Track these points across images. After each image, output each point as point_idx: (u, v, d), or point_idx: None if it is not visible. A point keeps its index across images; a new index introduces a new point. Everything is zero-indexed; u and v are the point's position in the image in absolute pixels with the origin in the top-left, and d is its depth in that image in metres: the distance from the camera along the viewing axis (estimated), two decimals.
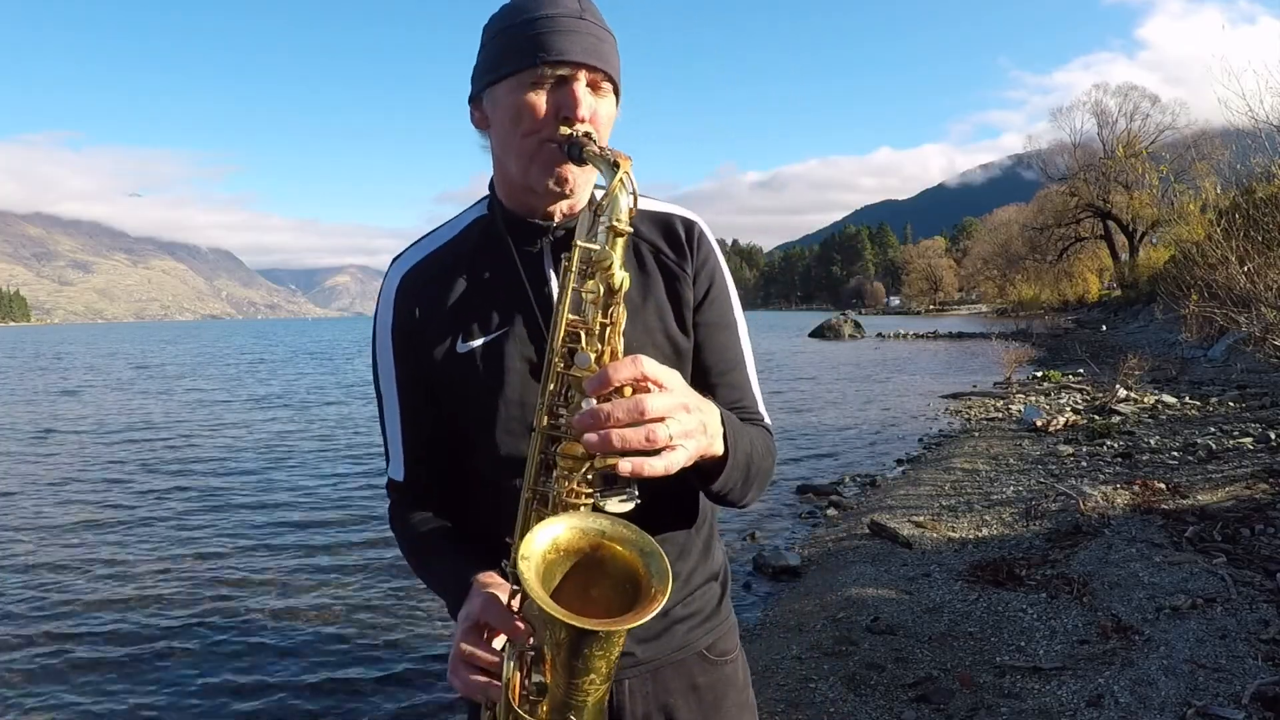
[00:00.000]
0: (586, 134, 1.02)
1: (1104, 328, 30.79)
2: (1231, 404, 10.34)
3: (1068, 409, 11.18)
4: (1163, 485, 6.42)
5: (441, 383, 1.16)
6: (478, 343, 1.14)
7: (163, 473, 10.29)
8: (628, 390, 0.89)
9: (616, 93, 1.12)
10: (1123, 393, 11.47)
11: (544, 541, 0.88)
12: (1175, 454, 7.67)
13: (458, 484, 1.22)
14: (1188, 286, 12.14)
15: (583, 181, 1.11)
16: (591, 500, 0.92)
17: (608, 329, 0.95)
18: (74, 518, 7.97)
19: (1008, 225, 58.74)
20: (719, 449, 0.99)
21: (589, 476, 0.92)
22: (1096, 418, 10.19)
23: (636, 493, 0.93)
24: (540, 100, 1.05)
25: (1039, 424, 9.96)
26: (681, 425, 0.89)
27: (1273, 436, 7.75)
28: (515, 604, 0.95)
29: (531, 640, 0.90)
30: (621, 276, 0.94)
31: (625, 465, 0.86)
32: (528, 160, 1.08)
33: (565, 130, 1.03)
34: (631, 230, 0.96)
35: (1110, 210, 42.60)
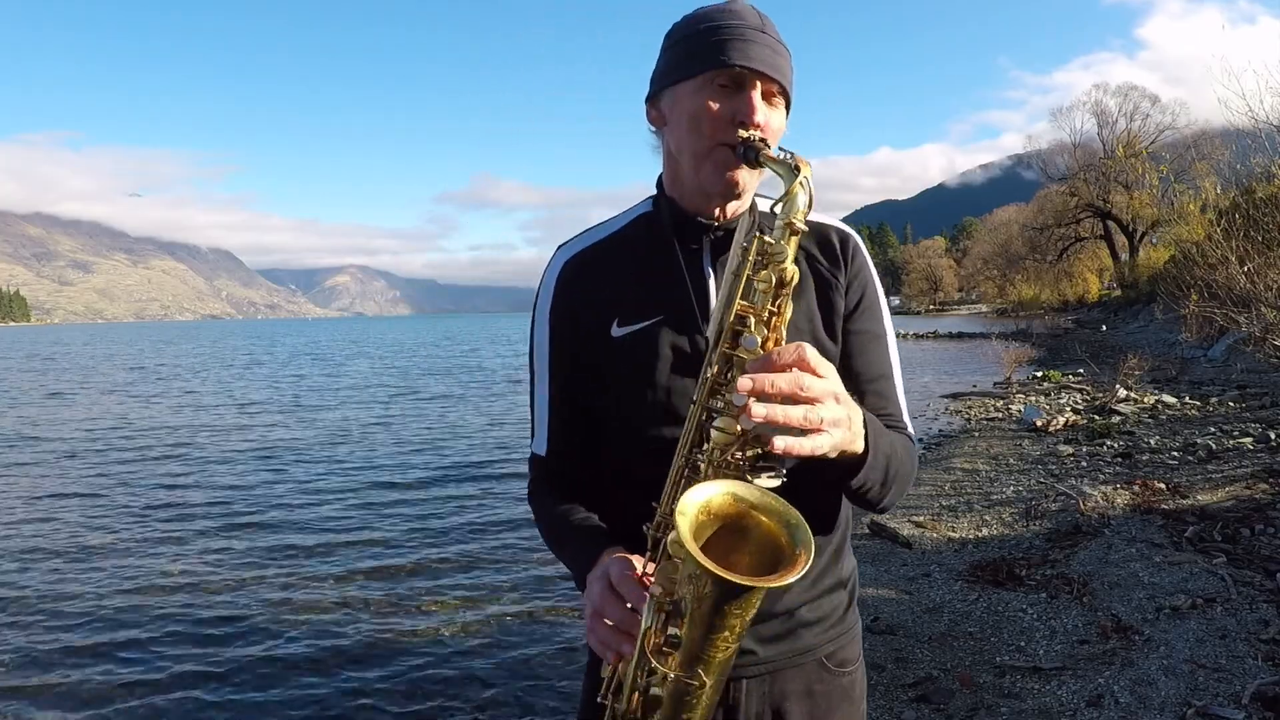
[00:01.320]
0: (762, 139, 1.07)
1: (1104, 328, 30.78)
2: (1231, 404, 10.34)
3: (1068, 409, 11.18)
4: (1163, 485, 6.42)
5: (593, 365, 1.22)
6: (632, 329, 1.19)
7: (147, 478, 10.29)
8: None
9: (788, 106, 1.16)
10: (1123, 393, 11.47)
11: (698, 500, 0.93)
12: (1175, 454, 7.67)
13: (595, 467, 1.27)
14: (1188, 286, 12.14)
15: (751, 185, 1.16)
16: (739, 474, 0.96)
17: (774, 318, 1.00)
18: (64, 520, 7.98)
19: (1008, 225, 58.73)
20: (859, 447, 1.03)
21: (743, 452, 0.96)
22: (1096, 418, 10.19)
23: (785, 471, 0.97)
24: (718, 104, 1.10)
25: (1039, 424, 9.96)
26: (831, 412, 0.94)
27: (1273, 436, 7.75)
28: (650, 567, 1.00)
29: (672, 595, 0.94)
30: (793, 270, 0.99)
31: (779, 443, 0.90)
32: (701, 160, 1.13)
33: (743, 133, 1.08)
34: (806, 229, 1.00)
35: (1110, 210, 42.59)
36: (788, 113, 1.17)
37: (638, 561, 1.03)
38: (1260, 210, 10.48)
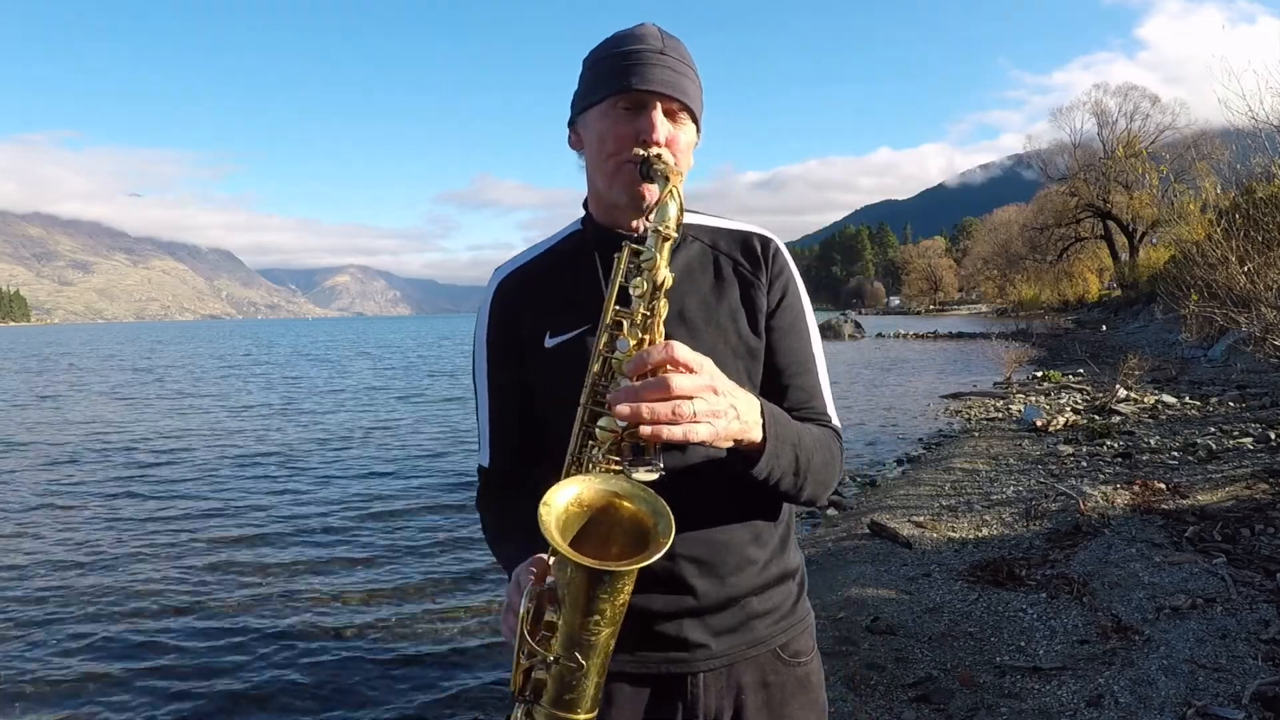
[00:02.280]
0: (657, 155, 1.15)
1: (1104, 328, 30.78)
2: (1231, 404, 10.34)
3: (1068, 409, 11.18)
4: (1163, 485, 6.42)
5: (530, 376, 1.30)
6: (561, 339, 1.26)
7: (151, 481, 10.30)
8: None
9: (696, 122, 1.24)
10: (1123, 393, 11.47)
11: (567, 495, 0.99)
12: (1175, 454, 7.67)
13: (540, 472, 1.30)
14: (1188, 286, 12.13)
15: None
16: (620, 469, 1.02)
17: (649, 320, 1.06)
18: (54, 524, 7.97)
19: (1008, 225, 58.74)
20: (757, 436, 1.08)
21: (620, 446, 1.02)
22: (1096, 418, 10.19)
23: (662, 465, 1.01)
24: (622, 126, 1.19)
25: (1039, 424, 9.96)
26: (708, 405, 0.99)
27: (1273, 436, 7.75)
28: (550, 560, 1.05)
29: (548, 581, 1.02)
30: (665, 275, 1.05)
31: (645, 430, 0.96)
32: (610, 178, 1.22)
33: (640, 151, 1.16)
34: (676, 235, 1.07)
35: (1110, 210, 42.58)
36: (698, 127, 1.25)
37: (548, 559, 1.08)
38: (1260, 210, 10.48)
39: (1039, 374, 16.34)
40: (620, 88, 1.17)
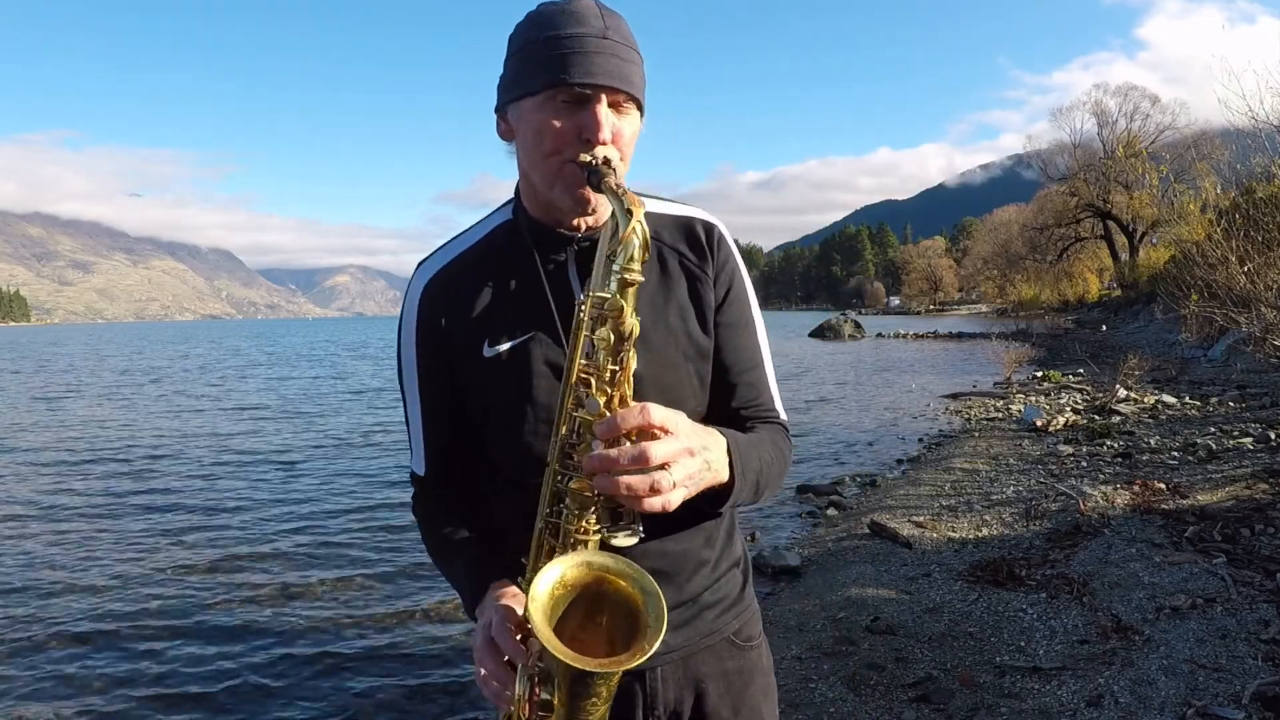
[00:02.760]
0: (606, 160, 1.05)
1: (1104, 328, 30.77)
2: (1231, 404, 10.34)
3: (1068, 409, 11.18)
4: (1163, 485, 6.42)
5: (468, 385, 1.21)
6: (504, 347, 1.18)
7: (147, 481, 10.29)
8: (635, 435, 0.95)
9: (640, 108, 1.14)
10: (1123, 393, 11.47)
11: (550, 580, 0.94)
12: (1175, 454, 7.67)
13: (481, 480, 1.28)
14: (1188, 286, 12.13)
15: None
16: (599, 533, 0.99)
17: (617, 374, 0.99)
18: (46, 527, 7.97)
19: (1008, 225, 58.71)
20: (724, 477, 1.06)
21: (596, 513, 0.98)
22: (1096, 418, 10.19)
23: (641, 528, 0.99)
24: (563, 121, 1.07)
25: (1039, 424, 9.96)
26: (684, 469, 0.97)
27: (1273, 436, 7.75)
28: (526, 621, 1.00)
29: (540, 663, 0.98)
30: (632, 324, 0.98)
31: (629, 505, 0.94)
32: (551, 178, 1.11)
33: (585, 157, 1.06)
34: (641, 277, 0.99)
35: (1110, 210, 42.58)
36: (642, 115, 1.15)
37: (517, 604, 1.04)
38: (1260, 210, 10.48)
39: (1039, 374, 16.34)
40: (558, 80, 1.05)
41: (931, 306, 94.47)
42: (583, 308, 1.01)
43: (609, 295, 0.98)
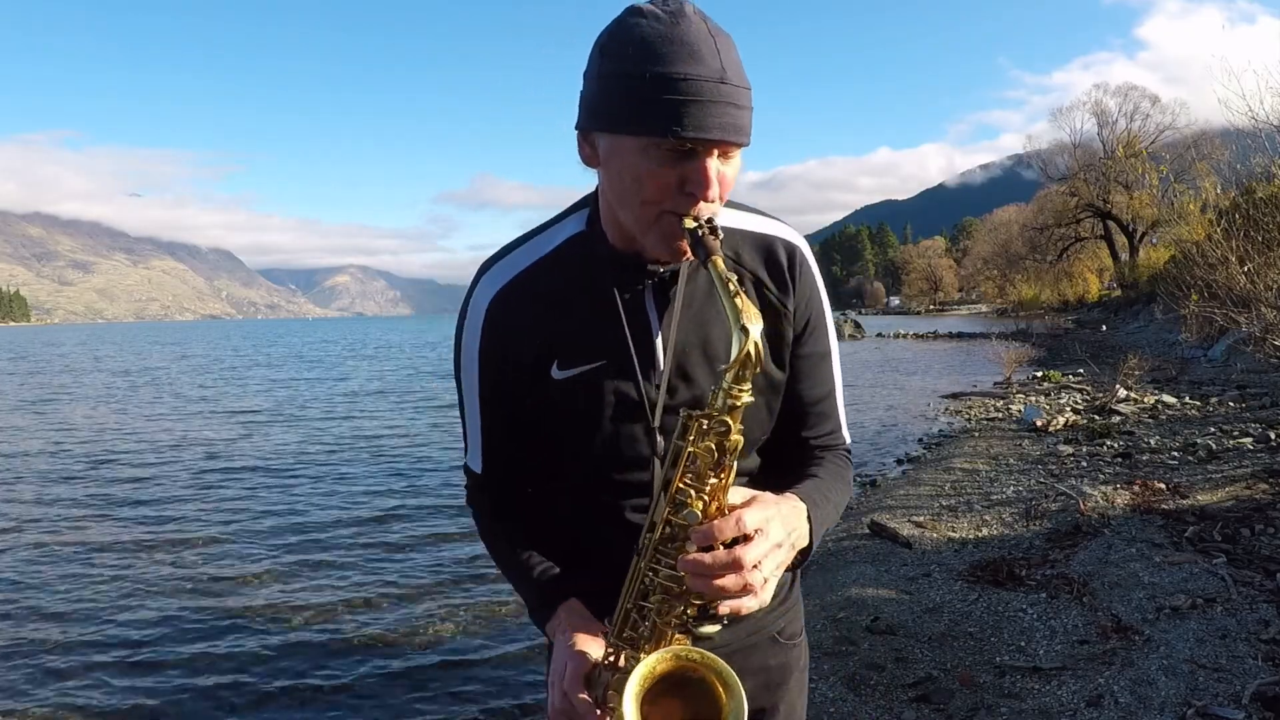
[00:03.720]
0: (710, 224, 1.00)
1: (1104, 328, 30.77)
2: (1231, 404, 10.34)
3: (1068, 409, 11.18)
4: (1163, 485, 6.42)
5: (533, 403, 1.18)
6: (573, 372, 1.15)
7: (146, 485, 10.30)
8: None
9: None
10: (1123, 393, 11.47)
11: (641, 674, 0.98)
12: (1175, 454, 7.66)
13: (541, 486, 1.29)
14: (1188, 286, 12.13)
15: None
16: (682, 622, 1.02)
17: (717, 486, 0.98)
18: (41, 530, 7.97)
19: (1008, 225, 58.72)
20: (804, 544, 1.07)
21: (685, 607, 1.01)
22: (1096, 418, 10.19)
23: (725, 620, 1.02)
24: (666, 170, 0.99)
25: (1039, 424, 9.96)
26: (774, 562, 0.98)
27: (1273, 436, 7.75)
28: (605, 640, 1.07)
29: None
30: (736, 440, 0.97)
31: (724, 608, 0.96)
32: (646, 226, 1.05)
33: (690, 223, 1.00)
34: (750, 399, 0.96)
35: (1110, 210, 42.57)
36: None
37: (593, 649, 1.07)
38: (1260, 210, 10.48)
39: (1039, 374, 16.34)
40: (669, 133, 0.95)
41: (931, 306, 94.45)
42: (689, 417, 0.98)
43: (714, 412, 0.96)
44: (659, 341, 1.14)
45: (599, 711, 1.04)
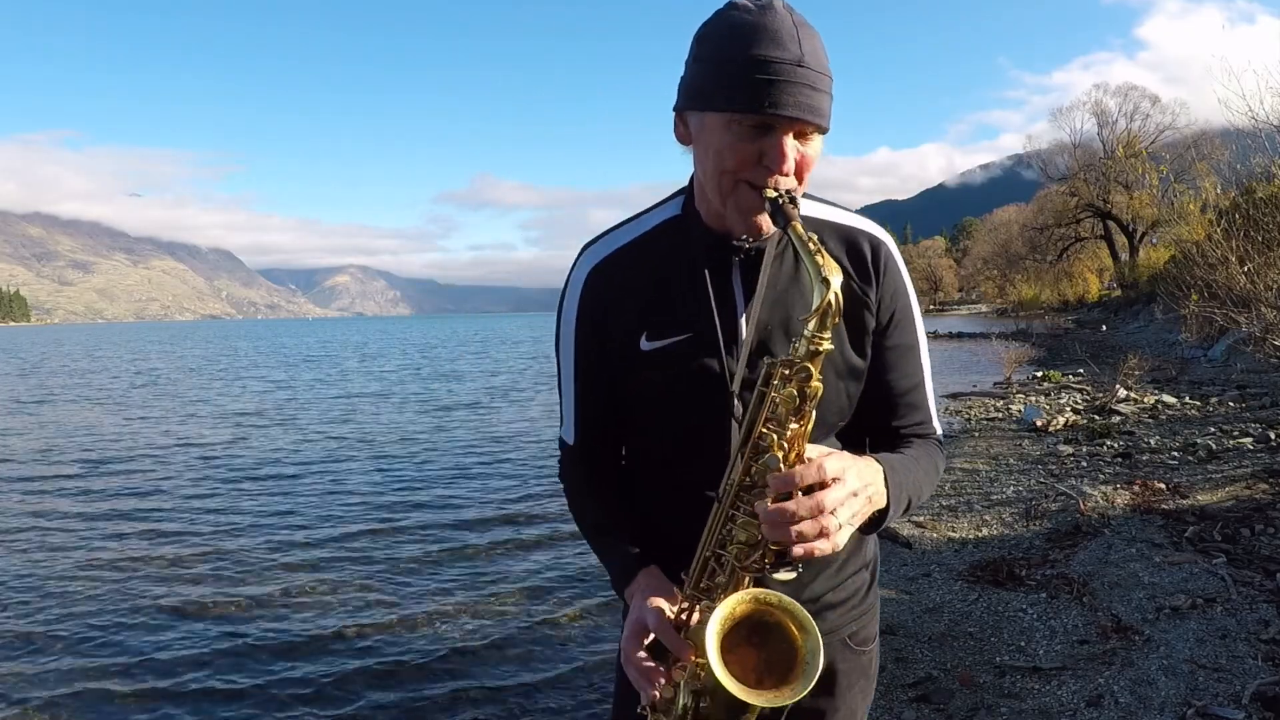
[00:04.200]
0: (789, 195, 1.07)
1: (1104, 328, 30.75)
2: (1231, 404, 10.34)
3: (1068, 409, 11.17)
4: (1163, 485, 6.42)
5: (621, 374, 1.25)
6: (660, 344, 1.21)
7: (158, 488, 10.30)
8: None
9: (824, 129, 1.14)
10: (1123, 393, 11.47)
11: (722, 615, 1.02)
12: (1175, 454, 7.66)
13: (628, 455, 1.36)
14: (1188, 286, 12.12)
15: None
16: (760, 569, 1.05)
17: (797, 434, 1.03)
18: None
19: (1008, 225, 58.69)
20: (882, 503, 1.10)
21: (763, 552, 1.04)
22: (1096, 418, 10.19)
23: (800, 566, 1.05)
24: (746, 144, 1.08)
25: (1039, 424, 9.96)
26: (850, 510, 1.01)
27: (1273, 436, 7.75)
28: (684, 616, 1.09)
29: (699, 681, 1.05)
30: (816, 387, 1.01)
31: (798, 550, 0.99)
32: (725, 196, 1.13)
33: (770, 192, 1.07)
34: (830, 345, 1.01)
35: (1110, 210, 42.56)
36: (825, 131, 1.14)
37: (668, 605, 1.11)
38: (1260, 210, 10.48)
39: (1039, 374, 16.33)
40: (752, 108, 1.05)
41: (931, 306, 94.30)
42: (772, 365, 1.03)
43: (796, 360, 1.01)
44: (743, 319, 1.19)
45: (658, 667, 1.08)
